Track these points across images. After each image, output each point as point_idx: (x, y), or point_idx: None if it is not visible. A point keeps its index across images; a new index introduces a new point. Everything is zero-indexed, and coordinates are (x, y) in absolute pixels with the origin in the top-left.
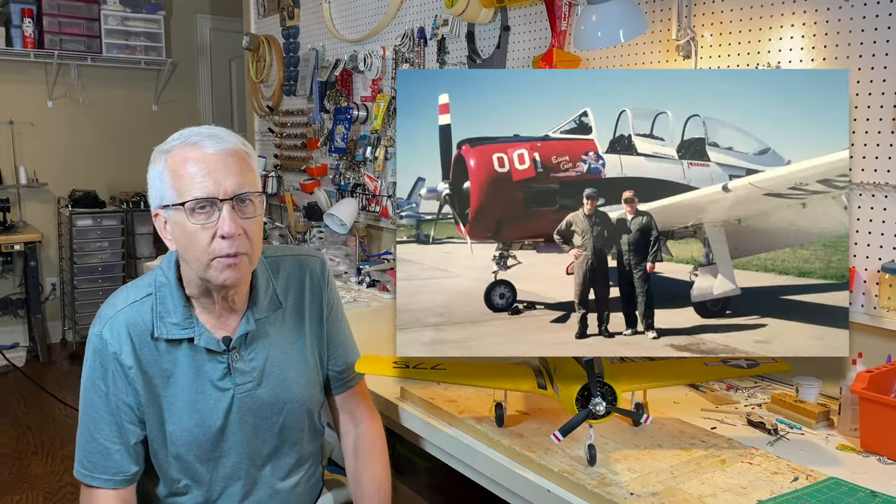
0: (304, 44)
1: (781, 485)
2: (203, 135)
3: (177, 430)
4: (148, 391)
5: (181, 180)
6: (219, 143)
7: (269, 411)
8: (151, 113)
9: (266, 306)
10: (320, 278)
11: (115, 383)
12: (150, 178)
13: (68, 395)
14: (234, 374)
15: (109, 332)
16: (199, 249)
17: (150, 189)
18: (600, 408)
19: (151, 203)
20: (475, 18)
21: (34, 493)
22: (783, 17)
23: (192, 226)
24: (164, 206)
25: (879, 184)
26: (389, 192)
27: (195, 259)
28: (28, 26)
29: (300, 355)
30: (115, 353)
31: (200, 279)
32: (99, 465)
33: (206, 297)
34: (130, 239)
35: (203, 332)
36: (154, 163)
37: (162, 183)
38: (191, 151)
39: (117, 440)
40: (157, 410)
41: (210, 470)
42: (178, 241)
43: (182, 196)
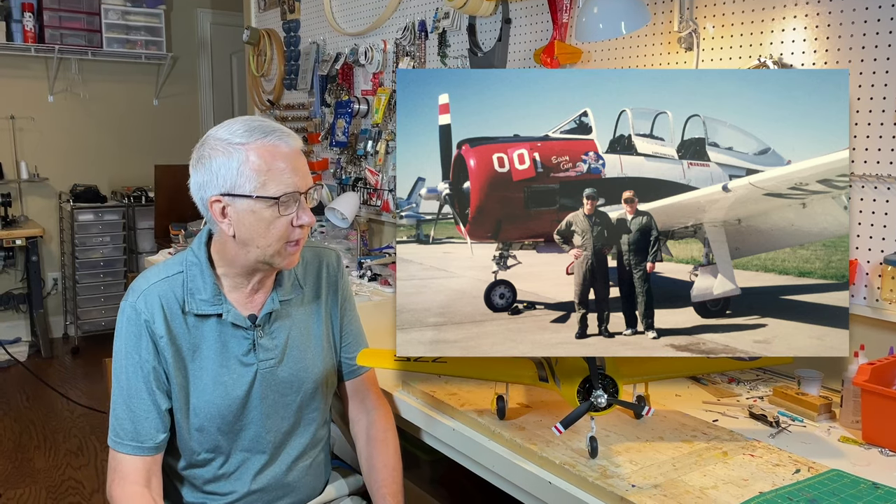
0: (304, 37)
1: (783, 477)
2: (273, 130)
3: (200, 402)
4: (176, 362)
5: (269, 174)
6: (292, 139)
7: (287, 389)
8: (152, 107)
9: (289, 289)
10: (336, 269)
11: (148, 350)
12: (216, 167)
13: (70, 389)
14: (257, 350)
15: (144, 302)
16: (275, 237)
17: (209, 176)
18: (602, 400)
19: (206, 190)
20: (476, 11)
21: (37, 488)
22: (785, 9)
23: (273, 216)
24: (234, 195)
25: (882, 176)
26: (391, 186)
27: (267, 245)
28: (28, 21)
29: (317, 338)
30: (147, 322)
31: (262, 262)
32: (129, 432)
33: (244, 277)
34: (132, 234)
35: (231, 308)
36: (225, 153)
37: (239, 175)
38: (274, 147)
39: (150, 405)
40: (184, 382)
41: (230, 442)
42: (247, 228)
43: (270, 189)
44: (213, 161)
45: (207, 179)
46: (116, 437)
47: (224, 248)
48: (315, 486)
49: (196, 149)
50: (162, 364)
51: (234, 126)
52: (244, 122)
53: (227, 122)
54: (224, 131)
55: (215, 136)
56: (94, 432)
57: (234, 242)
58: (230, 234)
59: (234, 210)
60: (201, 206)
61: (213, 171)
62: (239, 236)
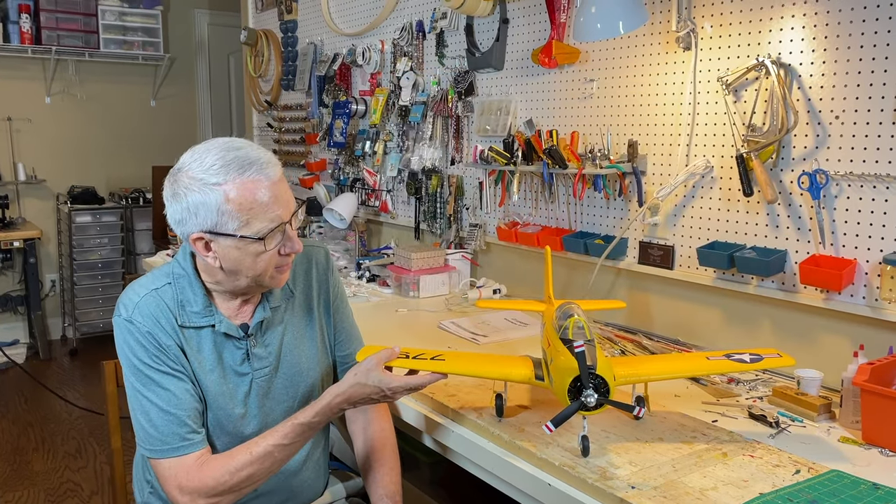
0: (302, 38)
1: (783, 477)
2: (251, 162)
3: (203, 410)
4: (187, 367)
5: (252, 212)
6: (271, 168)
7: (284, 395)
8: (150, 108)
9: (279, 296)
10: (325, 267)
11: (161, 355)
12: (194, 206)
13: (68, 391)
14: (252, 360)
15: (139, 315)
16: (263, 267)
17: (186, 214)
18: (591, 399)
19: (185, 226)
20: (474, 11)
21: (35, 490)
22: (784, 9)
23: (259, 250)
24: (216, 234)
25: (881, 175)
26: (388, 186)
27: (256, 274)
28: (25, 22)
29: (311, 340)
30: (149, 332)
31: (252, 286)
32: (177, 435)
33: (232, 291)
34: (130, 235)
35: (223, 319)
36: (201, 193)
37: (219, 214)
38: (254, 183)
39: (188, 399)
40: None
41: (226, 447)
42: (234, 261)
43: (254, 227)
44: (188, 199)
45: (185, 217)
46: (163, 445)
47: (211, 271)
48: (316, 488)
49: (168, 181)
50: (179, 363)
51: (207, 159)
52: (218, 155)
53: (199, 153)
54: (197, 167)
55: (188, 174)
56: (93, 434)
57: (222, 272)
58: (216, 265)
59: (219, 245)
60: (182, 238)
61: (190, 210)
62: (226, 267)
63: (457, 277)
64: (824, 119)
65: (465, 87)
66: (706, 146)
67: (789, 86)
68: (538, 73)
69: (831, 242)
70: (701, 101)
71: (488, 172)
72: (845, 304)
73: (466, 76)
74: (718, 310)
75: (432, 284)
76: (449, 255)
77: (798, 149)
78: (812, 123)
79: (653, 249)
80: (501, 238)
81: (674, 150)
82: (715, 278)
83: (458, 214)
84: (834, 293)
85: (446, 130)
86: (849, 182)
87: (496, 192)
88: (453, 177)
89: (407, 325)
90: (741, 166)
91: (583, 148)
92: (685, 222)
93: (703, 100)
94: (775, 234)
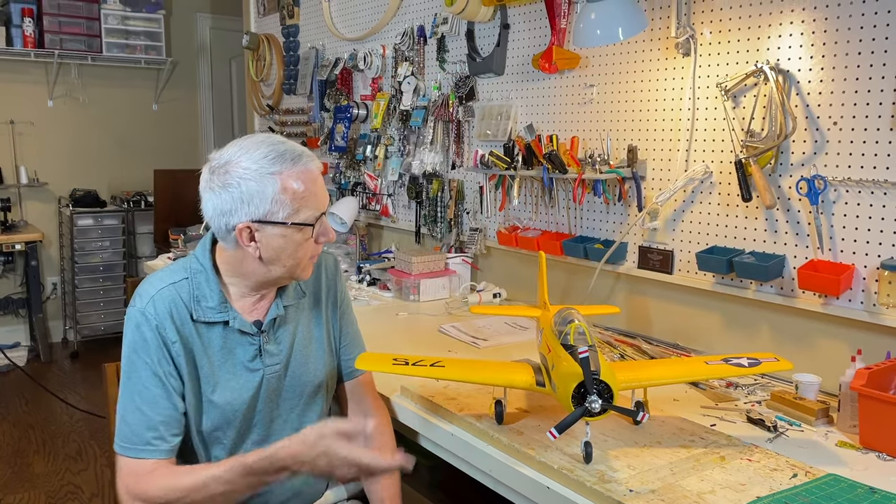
0: (303, 42)
1: (780, 481)
2: (300, 154)
3: (209, 408)
4: (188, 366)
5: (303, 201)
6: (315, 161)
7: (291, 393)
8: (152, 112)
9: (292, 294)
10: (334, 273)
11: (161, 354)
12: (248, 195)
13: (69, 394)
14: (263, 356)
15: (153, 307)
16: (302, 256)
17: (237, 203)
18: (596, 405)
19: (231, 217)
20: (475, 17)
21: (36, 493)
22: (783, 15)
23: (303, 238)
24: (266, 222)
25: (879, 181)
26: (389, 190)
27: (294, 264)
28: (28, 26)
29: (319, 342)
30: (158, 327)
31: (285, 278)
32: (142, 437)
33: (255, 289)
34: (131, 238)
35: (237, 315)
36: (258, 182)
37: (273, 202)
38: (307, 173)
39: (166, 408)
40: (195, 387)
41: (235, 446)
42: (275, 250)
43: (303, 215)
44: (241, 189)
45: (234, 207)
46: (128, 442)
47: (241, 264)
48: (317, 488)
49: (216, 173)
50: (176, 367)
51: (258, 151)
52: (270, 147)
53: (245, 147)
54: (249, 158)
55: (241, 164)
56: (94, 437)
57: (259, 262)
58: (256, 256)
59: (264, 235)
60: (221, 231)
61: (243, 200)
62: (266, 257)
63: (457, 281)
64: (822, 125)
65: (466, 91)
66: (705, 151)
67: (788, 92)
68: (538, 78)
69: (829, 248)
70: (700, 106)
71: (489, 177)
72: (843, 308)
73: (467, 81)
74: (717, 314)
75: (433, 288)
76: (449, 259)
77: (796, 154)
78: (810, 129)
79: (652, 254)
80: (502, 242)
81: (673, 156)
82: (714, 283)
83: (458, 218)
84: (832, 298)
85: (447, 135)
86: (847, 188)
87: (496, 197)
88: (454, 181)
89: (407, 329)
90: (740, 172)
91: (583, 153)
92: (684, 227)
93: (703, 105)
94: (774, 240)
